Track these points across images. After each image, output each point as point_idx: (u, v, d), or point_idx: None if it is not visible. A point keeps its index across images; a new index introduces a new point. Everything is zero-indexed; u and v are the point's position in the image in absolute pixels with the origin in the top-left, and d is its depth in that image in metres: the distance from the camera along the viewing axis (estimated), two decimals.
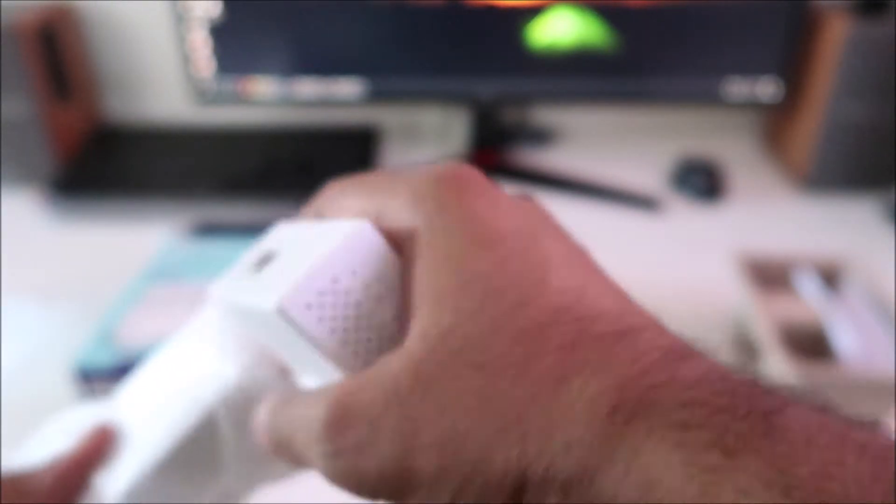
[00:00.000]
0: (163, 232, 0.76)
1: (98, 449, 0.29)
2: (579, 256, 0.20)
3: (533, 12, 0.81)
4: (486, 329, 0.17)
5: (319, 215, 0.23)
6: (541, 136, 0.98)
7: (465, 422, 0.17)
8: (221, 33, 0.81)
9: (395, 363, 0.18)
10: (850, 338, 0.57)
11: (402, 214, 0.19)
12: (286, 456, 0.21)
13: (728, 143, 0.99)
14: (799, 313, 0.59)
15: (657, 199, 0.85)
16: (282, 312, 0.19)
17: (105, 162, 0.88)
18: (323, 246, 0.20)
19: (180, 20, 0.80)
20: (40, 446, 0.32)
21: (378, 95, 0.85)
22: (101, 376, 0.54)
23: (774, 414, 0.15)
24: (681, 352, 0.17)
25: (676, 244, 0.78)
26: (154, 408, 0.29)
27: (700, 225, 0.82)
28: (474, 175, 0.20)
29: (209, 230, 0.73)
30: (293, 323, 0.19)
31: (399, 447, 0.17)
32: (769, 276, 0.64)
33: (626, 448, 0.15)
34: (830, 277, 0.63)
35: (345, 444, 0.18)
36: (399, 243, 0.20)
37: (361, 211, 0.21)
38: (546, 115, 1.01)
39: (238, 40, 0.82)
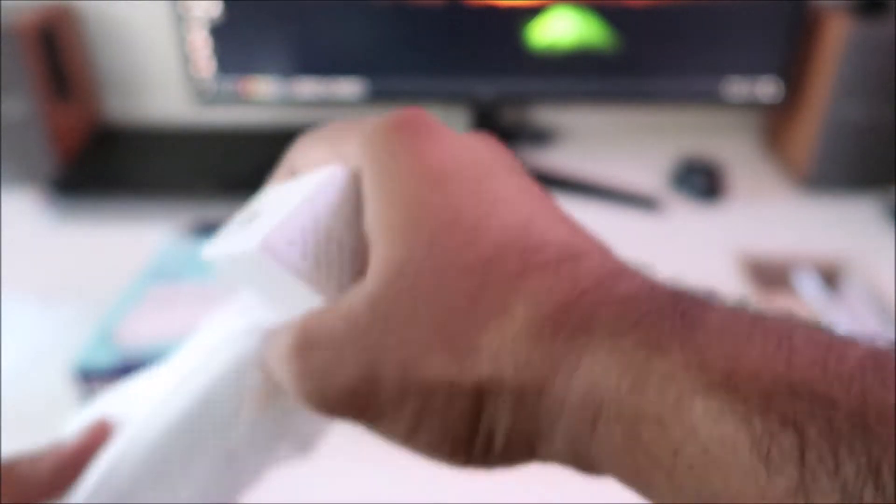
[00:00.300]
0: (163, 232, 0.76)
1: (97, 441, 0.29)
2: (530, 191, 0.21)
3: (533, 12, 0.81)
4: (438, 264, 0.19)
5: (292, 170, 0.24)
6: (541, 136, 0.98)
7: (423, 351, 0.18)
8: (221, 33, 0.81)
9: (355, 298, 0.19)
10: None
11: (357, 160, 0.21)
12: (275, 385, 0.23)
13: (728, 143, 0.99)
14: (799, 313, 0.59)
15: (657, 199, 0.85)
16: (266, 250, 0.20)
17: (105, 162, 0.88)
18: (302, 192, 0.21)
19: (180, 20, 0.80)
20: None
21: (378, 95, 0.85)
22: (101, 376, 0.54)
23: (694, 311, 0.17)
24: (618, 272, 0.19)
25: (676, 244, 0.78)
26: (164, 382, 0.29)
27: (700, 225, 0.82)
28: (423, 118, 0.21)
29: (209, 230, 0.73)
30: (277, 259, 0.20)
31: (361, 373, 0.19)
32: (769, 275, 0.64)
33: (567, 363, 0.17)
34: (830, 277, 0.63)
35: (310, 366, 0.19)
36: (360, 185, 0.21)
37: (326, 160, 0.22)
38: (546, 115, 1.01)
39: (238, 40, 0.82)
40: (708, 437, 0.15)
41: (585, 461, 0.18)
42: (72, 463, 0.29)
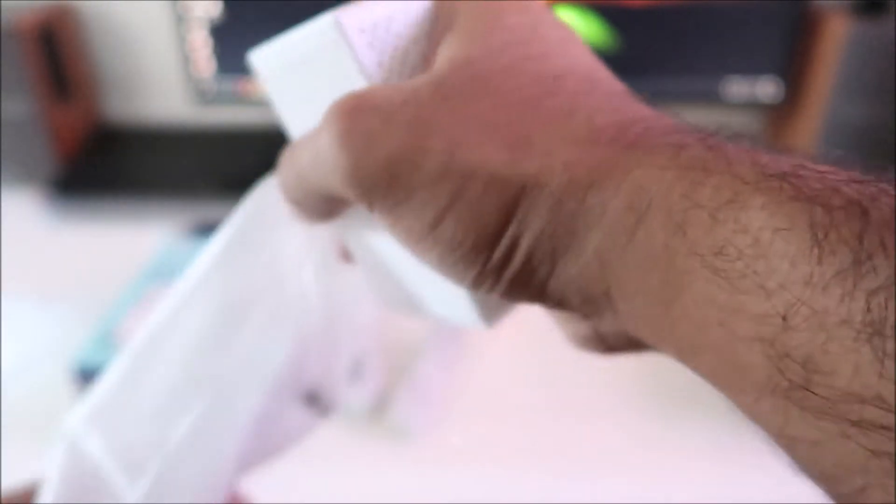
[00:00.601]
0: (163, 232, 0.76)
1: None
2: None
3: None
4: (509, 66, 0.19)
5: None
6: None
7: (476, 133, 0.18)
8: (221, 33, 0.81)
9: (416, 80, 0.19)
10: None
11: None
12: (298, 193, 0.22)
13: None
14: None
15: None
16: (338, 26, 0.20)
17: (105, 162, 0.88)
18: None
19: (180, 20, 0.80)
20: None
21: None
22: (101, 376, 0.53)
23: (759, 144, 0.17)
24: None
25: None
26: None
27: None
28: None
29: (209, 230, 0.73)
30: (346, 40, 0.20)
31: (408, 142, 0.18)
32: None
33: (621, 166, 0.17)
34: None
35: (355, 128, 0.18)
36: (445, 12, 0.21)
37: None
38: None
39: (238, 40, 0.82)
40: (761, 228, 0.14)
41: (605, 283, 0.17)
42: None
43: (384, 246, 0.24)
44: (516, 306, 0.24)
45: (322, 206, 0.22)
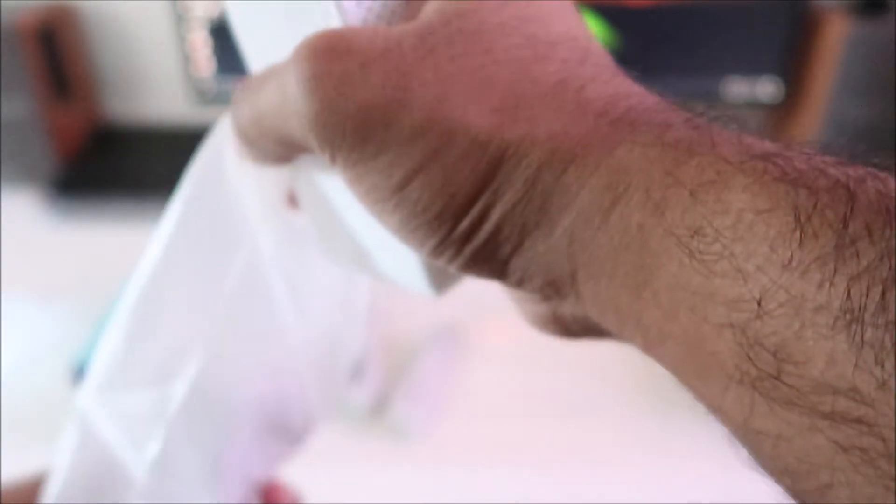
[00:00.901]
0: None
1: None
2: None
3: None
4: (503, 24, 0.18)
5: None
6: None
7: (460, 92, 0.17)
8: (221, 33, 0.81)
9: (401, 27, 0.18)
10: None
11: None
12: (253, 132, 0.20)
13: None
14: None
15: None
16: None
17: (105, 162, 0.88)
18: None
19: (180, 20, 0.80)
20: None
21: None
22: None
23: (743, 124, 0.16)
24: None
25: None
26: None
27: None
28: None
29: None
30: None
31: (387, 94, 0.17)
32: None
33: (605, 142, 0.16)
34: None
35: (328, 71, 0.17)
36: None
37: None
38: None
39: None
40: (742, 209, 0.13)
41: (572, 264, 0.17)
42: None
43: (338, 198, 0.22)
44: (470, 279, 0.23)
45: (278, 150, 0.21)
